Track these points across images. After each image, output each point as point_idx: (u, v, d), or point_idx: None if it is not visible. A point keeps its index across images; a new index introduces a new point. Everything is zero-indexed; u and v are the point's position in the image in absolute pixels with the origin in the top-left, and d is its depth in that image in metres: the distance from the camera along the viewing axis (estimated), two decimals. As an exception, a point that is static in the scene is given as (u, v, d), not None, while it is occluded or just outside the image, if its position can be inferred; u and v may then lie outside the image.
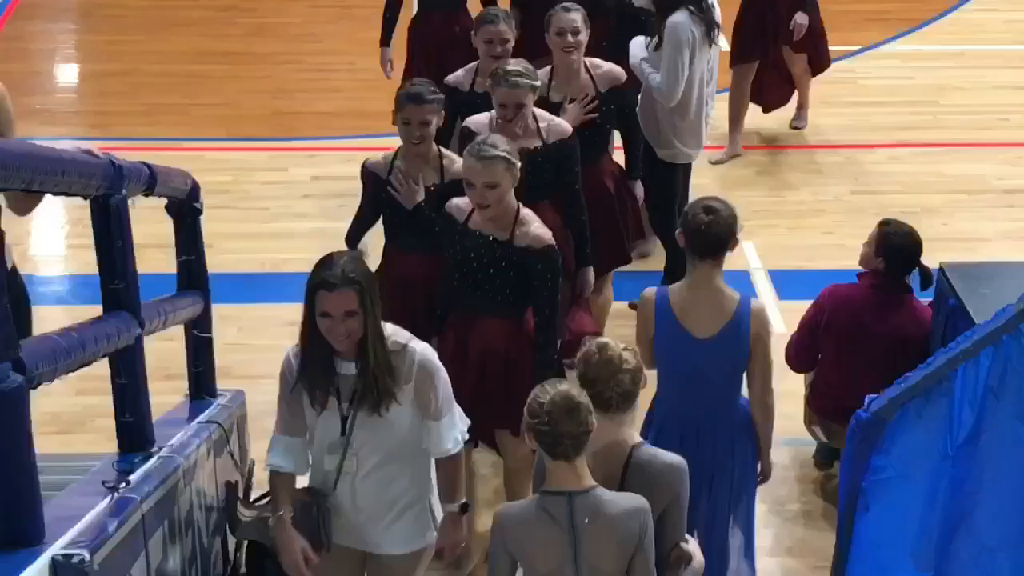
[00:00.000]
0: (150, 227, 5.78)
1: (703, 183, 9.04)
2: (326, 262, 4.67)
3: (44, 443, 4.27)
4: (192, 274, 5.84)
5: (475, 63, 7.47)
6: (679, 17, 7.64)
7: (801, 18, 9.72)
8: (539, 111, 6.81)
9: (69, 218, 8.79)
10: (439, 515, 5.10)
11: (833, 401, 6.64)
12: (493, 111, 6.73)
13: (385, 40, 9.29)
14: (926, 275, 6.60)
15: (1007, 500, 4.98)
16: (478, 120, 6.81)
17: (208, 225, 5.96)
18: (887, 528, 4.93)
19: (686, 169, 8.30)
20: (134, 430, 4.85)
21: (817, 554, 6.46)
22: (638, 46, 7.91)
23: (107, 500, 4.31)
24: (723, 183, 9.74)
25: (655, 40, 7.79)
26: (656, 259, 8.52)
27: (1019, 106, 11.23)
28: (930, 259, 6.65)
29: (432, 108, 6.31)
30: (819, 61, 10.34)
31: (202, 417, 5.70)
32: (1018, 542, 5.06)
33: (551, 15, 7.25)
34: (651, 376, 5.38)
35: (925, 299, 6.66)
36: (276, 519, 4.95)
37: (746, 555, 5.97)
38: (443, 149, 6.55)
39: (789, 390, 7.08)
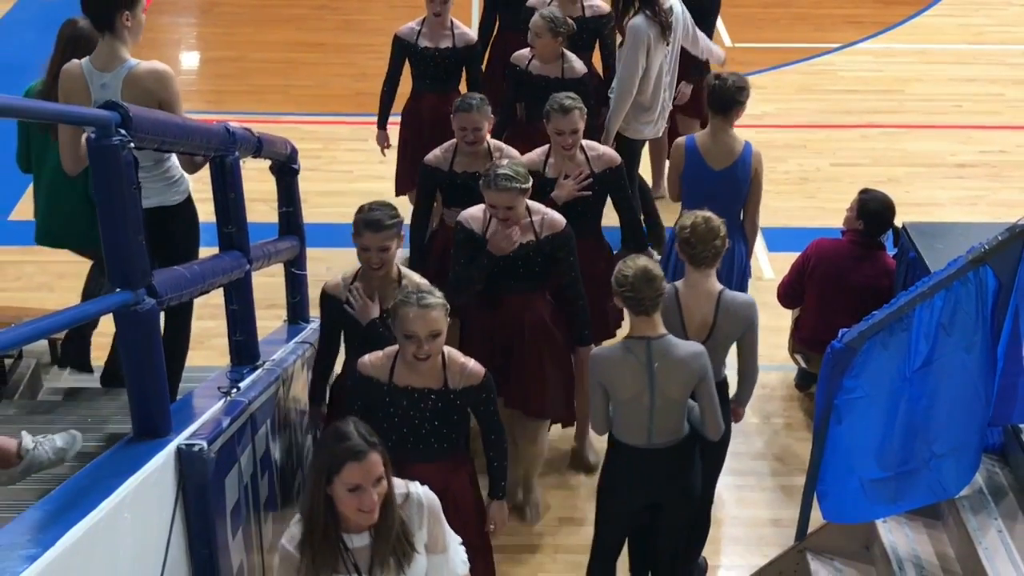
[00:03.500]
0: (257, 184, 5.81)
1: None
2: (339, 434, 3.51)
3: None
4: (290, 223, 5.86)
5: (452, 141, 6.32)
6: (637, 20, 7.48)
7: (685, 87, 8.37)
8: (534, 205, 5.68)
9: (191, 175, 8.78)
10: None
11: (813, 334, 6.61)
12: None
13: (381, 123, 8.04)
14: (897, 234, 6.54)
15: (953, 415, 4.97)
16: (472, 214, 5.69)
17: (303, 184, 5.95)
18: (856, 437, 4.92)
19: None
20: (243, 347, 4.88)
21: (797, 458, 6.46)
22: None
23: (222, 402, 4.35)
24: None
25: (621, 39, 7.73)
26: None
27: (969, 95, 11.11)
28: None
29: (390, 234, 5.04)
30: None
31: (298, 338, 5.72)
32: (960, 448, 5.06)
33: (549, 111, 6.08)
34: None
35: (894, 252, 6.62)
36: None
37: None
38: (403, 269, 5.26)
39: (778, 325, 7.07)
